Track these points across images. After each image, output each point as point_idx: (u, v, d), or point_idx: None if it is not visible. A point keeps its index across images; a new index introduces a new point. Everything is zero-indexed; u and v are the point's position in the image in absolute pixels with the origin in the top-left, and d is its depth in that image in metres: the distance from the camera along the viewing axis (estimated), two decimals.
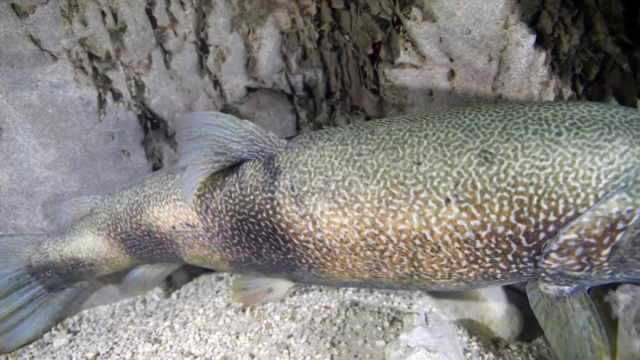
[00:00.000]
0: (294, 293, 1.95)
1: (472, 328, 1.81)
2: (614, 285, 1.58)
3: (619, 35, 1.52)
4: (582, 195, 1.20)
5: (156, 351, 1.64)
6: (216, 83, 2.12)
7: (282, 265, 1.65)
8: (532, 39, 1.60)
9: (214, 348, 1.64)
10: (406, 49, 1.72)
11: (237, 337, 1.68)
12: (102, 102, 2.03)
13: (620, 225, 1.19)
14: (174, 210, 1.72)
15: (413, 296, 2.01)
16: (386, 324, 1.77)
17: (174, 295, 2.24)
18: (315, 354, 1.63)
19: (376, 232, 1.40)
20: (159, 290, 2.31)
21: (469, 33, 1.59)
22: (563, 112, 1.29)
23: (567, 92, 1.67)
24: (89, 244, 1.95)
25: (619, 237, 1.20)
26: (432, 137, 1.35)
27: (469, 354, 1.70)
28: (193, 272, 2.42)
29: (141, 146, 2.19)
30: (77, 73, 1.98)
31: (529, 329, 1.88)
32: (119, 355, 1.62)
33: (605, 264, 1.26)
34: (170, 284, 2.37)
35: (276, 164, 1.53)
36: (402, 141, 1.38)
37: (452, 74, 1.74)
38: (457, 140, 1.32)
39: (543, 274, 1.35)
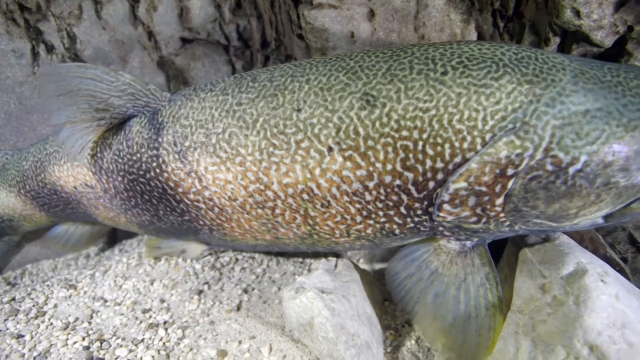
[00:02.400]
0: None
1: None
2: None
3: None
4: (469, 138, 1.11)
5: (70, 296, 1.66)
6: (150, 34, 2.08)
7: (184, 228, 1.60)
8: None
9: (127, 294, 1.65)
10: None
11: (152, 284, 1.68)
12: (35, 54, 2.02)
13: (510, 171, 1.10)
14: (72, 170, 1.68)
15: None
16: (306, 272, 1.75)
17: (116, 249, 2.26)
18: (225, 299, 1.62)
19: (262, 187, 1.32)
20: (103, 245, 2.33)
21: None
22: (452, 51, 1.20)
23: (489, 29, 1.59)
24: (3, 200, 1.94)
25: (510, 184, 1.12)
26: (313, 81, 1.26)
27: (387, 302, 1.67)
28: None
29: None
30: (9, 25, 1.97)
31: None
32: (32, 299, 1.64)
33: (502, 215, 1.18)
34: (115, 240, 2.38)
35: (160, 119, 1.45)
36: (282, 87, 1.29)
37: (372, 14, 1.67)
38: (339, 83, 1.22)
39: (441, 228, 1.27)
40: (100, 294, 1.66)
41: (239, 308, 1.57)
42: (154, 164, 1.45)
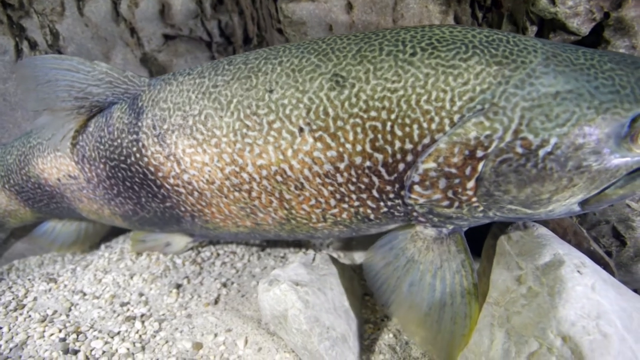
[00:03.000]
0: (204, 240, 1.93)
1: None
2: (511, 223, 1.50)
3: None
4: (437, 119, 1.10)
5: (50, 289, 1.66)
6: (132, 31, 2.08)
7: (167, 216, 1.59)
8: None
9: (106, 287, 1.65)
10: None
11: (132, 278, 1.68)
12: (19, 51, 2.03)
13: (479, 153, 1.09)
14: (55, 162, 1.68)
15: (325, 242, 1.96)
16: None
17: (102, 246, 2.25)
18: (204, 293, 1.61)
19: (237, 169, 1.32)
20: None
21: None
22: (424, 34, 1.19)
23: (468, 20, 1.57)
24: None
25: (480, 166, 1.10)
26: (286, 63, 1.26)
27: (367, 297, 1.65)
28: None
29: None
30: None
31: None
32: (13, 292, 1.64)
33: (474, 200, 1.17)
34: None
35: (140, 104, 1.45)
36: (256, 69, 1.29)
37: (350, 6, 1.66)
38: (310, 65, 1.22)
39: (415, 213, 1.25)
40: (80, 288, 1.65)
41: (216, 301, 1.56)
42: (134, 149, 1.45)
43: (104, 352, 1.36)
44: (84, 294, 1.61)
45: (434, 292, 1.24)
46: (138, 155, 1.45)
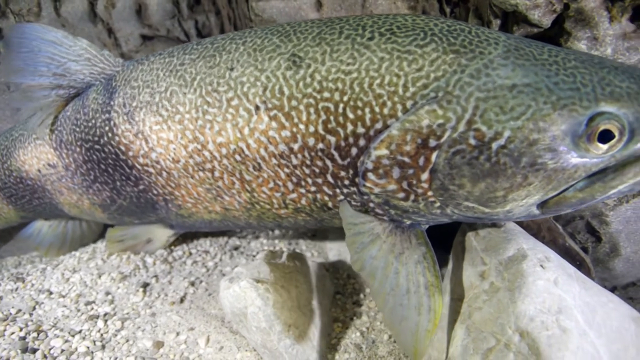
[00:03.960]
0: (177, 240, 1.91)
1: (353, 272, 1.73)
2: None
3: None
4: (389, 104, 1.08)
5: (17, 289, 1.64)
6: (110, 31, 2.09)
7: (142, 202, 1.60)
8: None
9: (73, 286, 1.63)
10: None
11: (100, 277, 1.66)
12: None
13: (432, 142, 1.06)
14: (35, 150, 1.69)
15: (299, 242, 1.94)
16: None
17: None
18: (171, 292, 1.59)
19: (199, 147, 1.33)
20: None
21: None
22: (385, 21, 1.18)
23: (436, 15, 1.56)
24: None
25: (434, 157, 1.08)
26: (249, 43, 1.27)
27: (339, 295, 1.63)
28: None
29: None
30: None
31: None
32: None
33: (430, 193, 1.14)
34: None
35: (113, 84, 1.47)
36: (221, 48, 1.31)
37: (319, 4, 1.65)
38: (271, 45, 1.23)
39: (371, 204, 1.23)
40: (47, 287, 1.64)
41: (182, 300, 1.54)
42: (107, 128, 1.46)
43: (62, 350, 1.34)
44: (50, 293, 1.60)
45: (397, 275, 1.20)
46: (110, 134, 1.46)
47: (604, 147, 1.00)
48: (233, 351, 1.34)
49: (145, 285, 1.62)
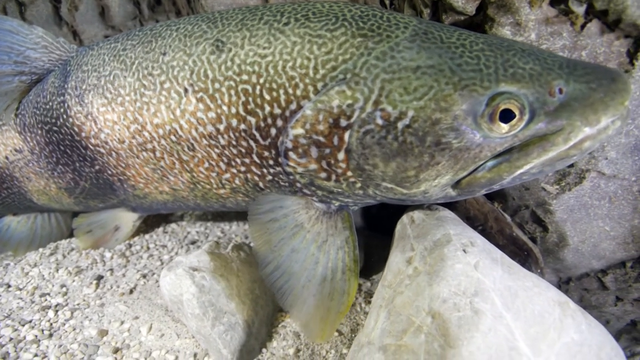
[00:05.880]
0: (137, 235, 1.96)
1: None
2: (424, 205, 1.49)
3: None
4: (301, 85, 1.14)
5: None
6: (75, 33, 2.15)
7: (101, 183, 1.66)
8: None
9: (31, 280, 1.68)
10: None
11: (57, 271, 1.71)
12: None
13: (343, 122, 1.11)
14: (2, 137, 1.76)
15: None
16: None
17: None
18: (123, 284, 1.63)
19: (139, 127, 1.40)
20: None
21: None
22: (304, 7, 1.23)
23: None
24: None
25: (346, 136, 1.12)
26: (181, 29, 1.34)
27: None
28: None
29: None
30: None
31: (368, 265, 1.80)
32: None
33: (350, 174, 1.19)
34: None
35: (68, 68, 1.55)
36: (157, 34, 1.38)
37: (266, 0, 1.69)
38: (199, 31, 1.30)
39: (298, 184, 1.28)
40: (7, 281, 1.70)
41: (132, 291, 1.59)
42: (62, 110, 1.55)
43: (11, 339, 1.39)
44: (9, 286, 1.65)
45: (316, 265, 1.25)
46: (65, 116, 1.54)
47: (506, 126, 1.03)
48: (173, 338, 1.38)
49: (99, 278, 1.66)
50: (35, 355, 1.32)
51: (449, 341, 1.04)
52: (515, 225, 1.65)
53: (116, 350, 1.33)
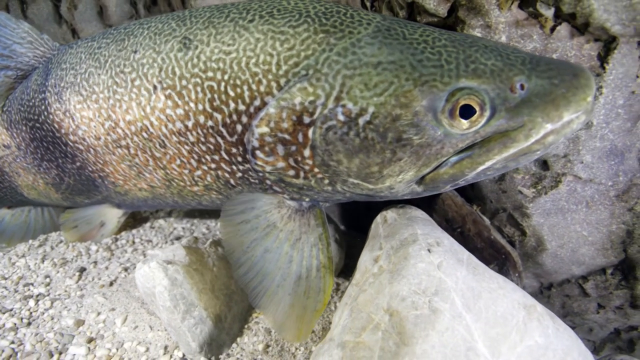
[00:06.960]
0: (124, 230, 2.00)
1: None
2: (394, 203, 1.50)
3: None
4: (264, 82, 1.15)
5: None
6: (74, 31, 2.21)
7: (84, 179, 1.70)
8: None
9: (17, 270, 1.73)
10: None
11: (43, 262, 1.76)
12: None
13: (306, 119, 1.12)
14: None
15: None
16: None
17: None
18: (105, 276, 1.67)
19: (113, 124, 1.43)
20: None
21: None
22: (270, 4, 1.24)
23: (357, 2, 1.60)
24: None
25: (310, 133, 1.13)
26: (152, 28, 1.36)
27: None
28: None
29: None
30: None
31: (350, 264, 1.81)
32: None
33: (317, 170, 1.19)
34: None
35: (49, 66, 1.59)
36: (130, 33, 1.41)
37: None
38: (169, 29, 1.32)
39: (268, 182, 1.29)
40: None
41: (112, 284, 1.62)
42: (43, 107, 1.59)
43: None
44: None
45: (290, 264, 1.25)
46: (46, 113, 1.59)
47: (467, 122, 1.03)
48: (146, 330, 1.40)
49: (82, 270, 1.70)
50: (12, 342, 1.36)
51: (404, 339, 1.04)
52: (493, 228, 1.65)
53: (90, 340, 1.36)
